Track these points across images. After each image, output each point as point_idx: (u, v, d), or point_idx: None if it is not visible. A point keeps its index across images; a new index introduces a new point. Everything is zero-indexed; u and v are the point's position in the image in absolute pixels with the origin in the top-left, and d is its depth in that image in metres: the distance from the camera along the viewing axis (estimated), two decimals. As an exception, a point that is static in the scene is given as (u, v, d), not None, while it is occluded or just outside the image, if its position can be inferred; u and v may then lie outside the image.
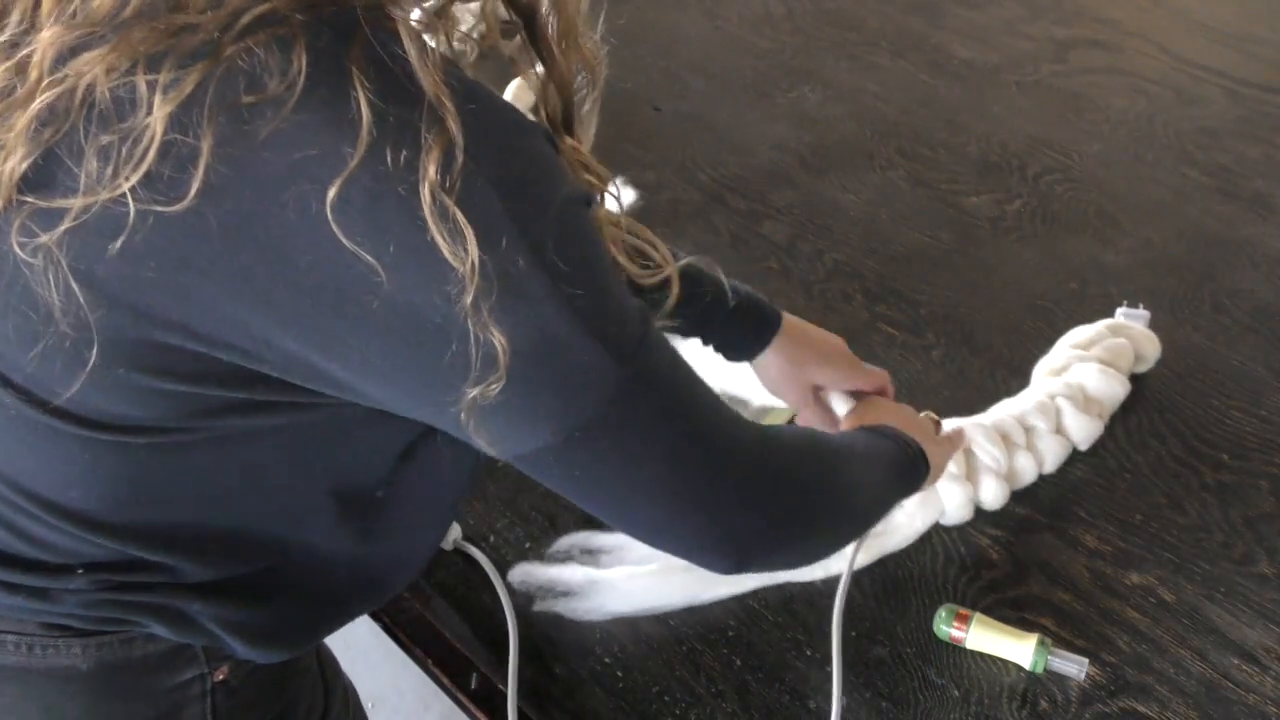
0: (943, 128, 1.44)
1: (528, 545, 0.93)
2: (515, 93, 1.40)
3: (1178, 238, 1.26)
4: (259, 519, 0.65)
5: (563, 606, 0.84)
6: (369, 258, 0.48)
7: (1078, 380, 0.99)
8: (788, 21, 1.67)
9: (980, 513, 0.95)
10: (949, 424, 0.95)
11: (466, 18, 1.50)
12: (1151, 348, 1.05)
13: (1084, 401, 0.98)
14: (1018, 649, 0.83)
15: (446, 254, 0.48)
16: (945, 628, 0.85)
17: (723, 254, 1.23)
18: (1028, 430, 0.96)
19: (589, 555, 0.88)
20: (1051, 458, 0.96)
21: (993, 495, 0.94)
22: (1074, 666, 0.83)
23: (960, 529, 0.94)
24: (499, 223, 0.50)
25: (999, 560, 0.92)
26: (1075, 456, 0.99)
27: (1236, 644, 0.86)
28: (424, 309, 0.50)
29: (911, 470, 0.79)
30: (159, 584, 0.64)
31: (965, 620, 0.85)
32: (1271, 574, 0.91)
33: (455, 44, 0.67)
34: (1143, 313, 1.07)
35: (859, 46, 1.61)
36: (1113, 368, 1.01)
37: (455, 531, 0.92)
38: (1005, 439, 0.94)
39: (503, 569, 0.90)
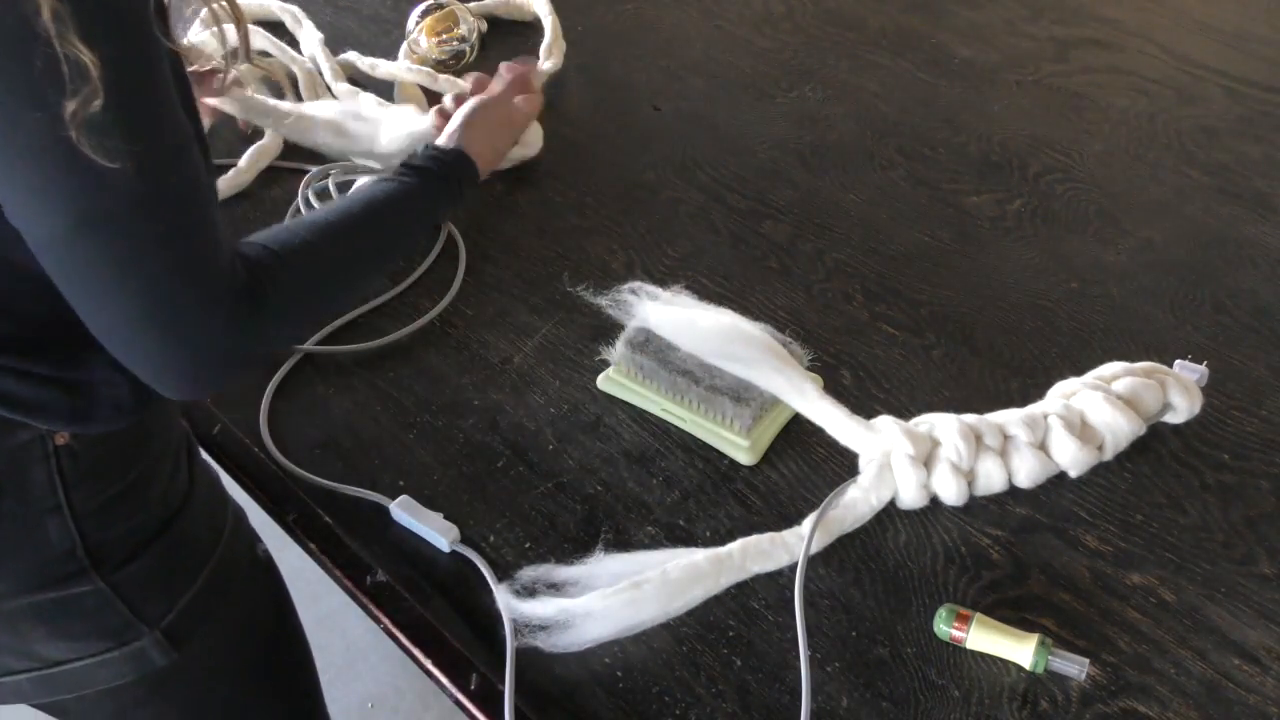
0: (943, 127, 1.44)
1: (527, 545, 0.93)
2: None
3: (1178, 237, 1.26)
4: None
5: (542, 641, 0.82)
6: None
7: (1080, 406, 0.97)
8: (788, 21, 1.67)
9: (980, 513, 0.95)
10: (931, 418, 0.95)
11: (467, 18, 1.50)
12: (1185, 399, 1.00)
13: (1080, 428, 0.96)
14: (1018, 649, 0.83)
15: None
16: (945, 628, 0.85)
17: (723, 254, 1.23)
18: (1006, 438, 0.95)
19: (554, 589, 0.86)
20: (1026, 472, 0.94)
21: (947, 488, 0.93)
22: (1074, 667, 0.83)
23: (960, 529, 0.94)
24: None
25: (999, 560, 0.92)
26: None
27: (1237, 644, 0.86)
28: (4, 28, 0.54)
29: (440, 197, 0.93)
30: None
31: (965, 620, 0.85)
32: (1272, 574, 0.91)
33: (454, 44, 0.71)
34: (1199, 368, 1.03)
35: (859, 46, 1.61)
36: (1128, 406, 0.97)
37: (453, 533, 0.92)
38: (977, 438, 0.94)
39: (502, 569, 0.90)
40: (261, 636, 1.00)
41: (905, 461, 0.92)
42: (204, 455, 0.94)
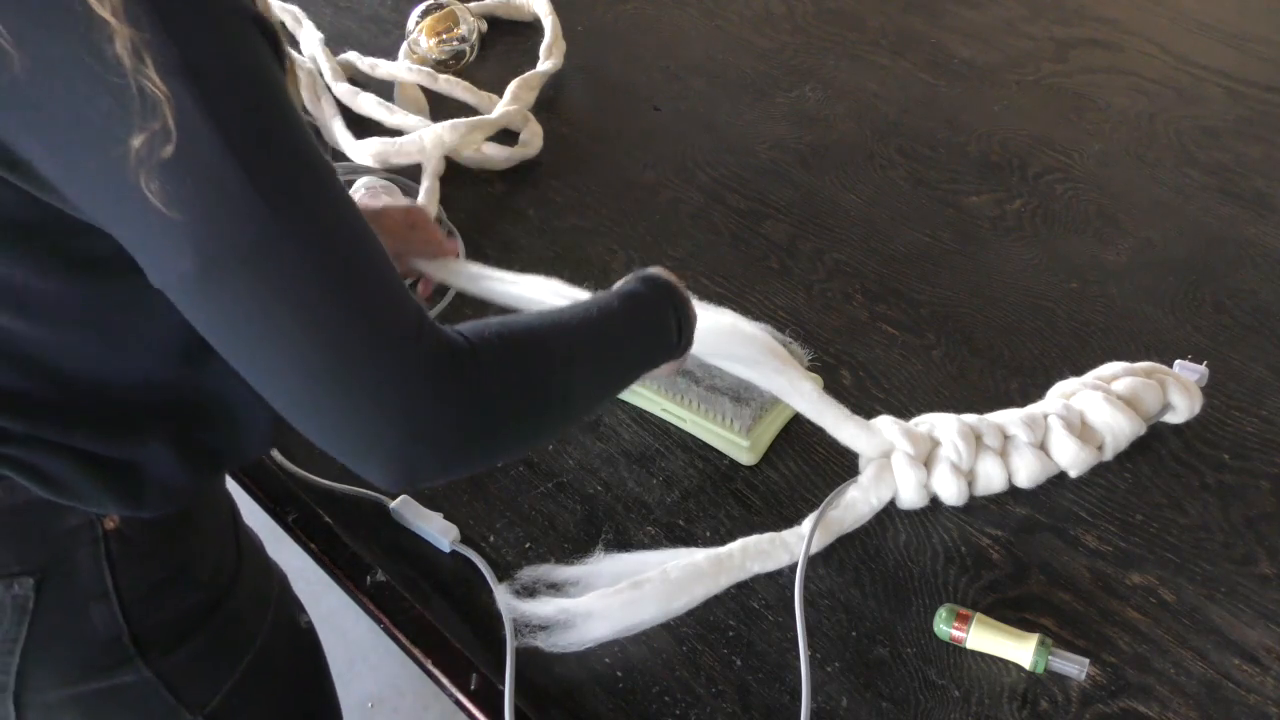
0: (943, 127, 1.44)
1: (527, 545, 0.93)
2: (515, 91, 1.40)
3: (1178, 238, 1.26)
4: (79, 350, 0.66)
5: (542, 640, 0.82)
6: (16, 31, 0.49)
7: (1080, 406, 0.97)
8: (788, 21, 1.67)
9: (980, 513, 0.95)
10: (931, 418, 0.95)
11: (467, 18, 1.50)
12: (1185, 399, 0.99)
13: (1080, 428, 0.96)
14: (1018, 649, 0.83)
15: (92, 3, 0.49)
16: (946, 628, 0.85)
17: (723, 254, 1.23)
18: (1006, 438, 0.95)
19: (554, 589, 0.86)
20: (1026, 472, 0.94)
21: (947, 488, 0.93)
22: (1074, 667, 0.83)
23: (960, 529, 0.94)
24: None
25: (999, 560, 0.92)
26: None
27: (1237, 644, 0.86)
28: (82, 62, 0.50)
29: (665, 333, 0.78)
30: (11, 435, 0.66)
31: (966, 620, 0.85)
32: (1272, 574, 0.91)
33: (454, 44, 0.67)
34: (1199, 368, 1.03)
35: (859, 46, 1.61)
36: (1129, 406, 0.97)
37: (453, 532, 0.92)
38: (977, 438, 0.94)
39: (502, 569, 0.90)
40: (300, 711, 0.95)
41: (905, 461, 0.92)
42: (246, 521, 0.91)
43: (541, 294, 0.93)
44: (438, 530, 0.92)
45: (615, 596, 0.83)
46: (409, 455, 0.60)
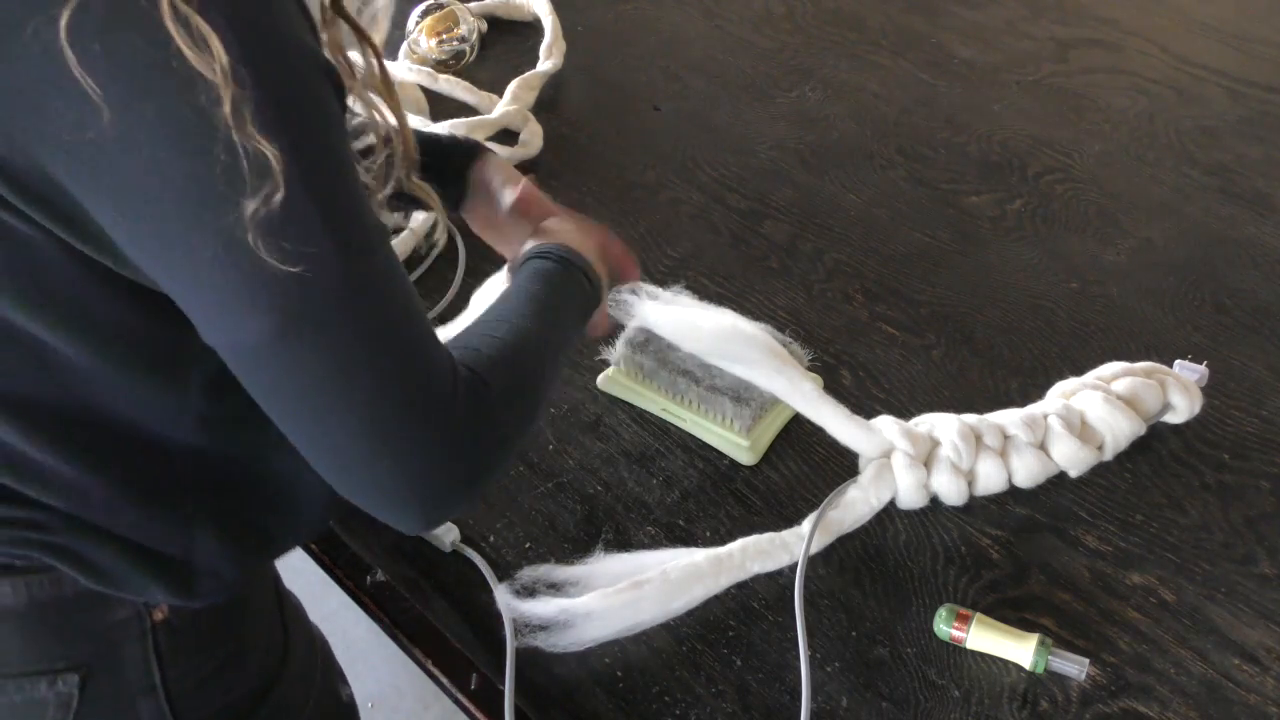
0: (943, 127, 1.44)
1: (527, 545, 0.93)
2: (515, 91, 1.41)
3: (1178, 238, 1.26)
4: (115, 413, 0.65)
5: (541, 640, 0.82)
6: (107, 85, 0.48)
7: (1080, 406, 0.97)
8: (788, 21, 1.67)
9: (980, 513, 0.95)
10: (931, 418, 0.95)
11: (467, 18, 1.50)
12: (1185, 399, 0.99)
13: (1080, 428, 0.96)
14: (1018, 649, 0.83)
15: (195, 62, 0.48)
16: (945, 628, 0.85)
17: (723, 254, 1.23)
18: (1006, 438, 0.95)
19: (554, 589, 0.86)
20: (1025, 472, 0.94)
21: (947, 488, 0.93)
22: (1074, 667, 0.83)
23: (960, 529, 0.94)
24: (232, 37, 0.49)
25: (999, 560, 0.92)
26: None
27: (1237, 644, 0.86)
28: (180, 121, 0.49)
29: (587, 298, 0.81)
30: (57, 523, 0.65)
31: (966, 620, 0.85)
32: (1272, 574, 0.91)
33: (454, 44, 0.67)
34: (1199, 368, 1.03)
35: (859, 46, 1.61)
36: (1128, 406, 0.97)
37: (454, 533, 0.92)
38: (977, 438, 0.94)
39: (502, 569, 0.90)
40: None
41: (905, 461, 0.92)
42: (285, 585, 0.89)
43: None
44: (438, 530, 0.92)
45: (615, 596, 0.83)
46: (447, 501, 0.62)
